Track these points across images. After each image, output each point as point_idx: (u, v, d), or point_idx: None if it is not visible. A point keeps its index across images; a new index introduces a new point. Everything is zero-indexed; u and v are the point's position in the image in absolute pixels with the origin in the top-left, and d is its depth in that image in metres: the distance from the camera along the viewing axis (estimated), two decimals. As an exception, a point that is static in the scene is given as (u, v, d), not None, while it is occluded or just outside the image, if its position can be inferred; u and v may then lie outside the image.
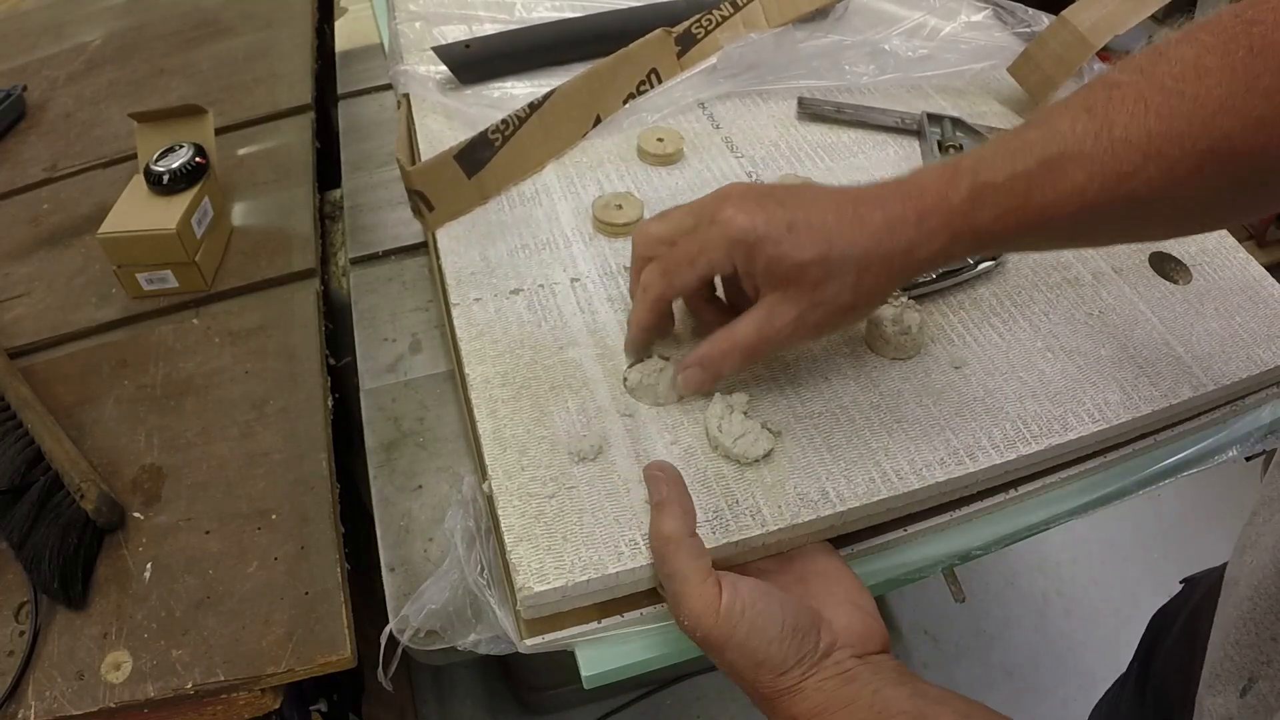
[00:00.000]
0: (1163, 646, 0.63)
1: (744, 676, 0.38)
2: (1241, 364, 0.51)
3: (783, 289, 0.42)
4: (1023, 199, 0.38)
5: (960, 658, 1.23)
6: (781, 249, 0.40)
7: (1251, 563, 0.37)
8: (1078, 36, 0.67)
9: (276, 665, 0.46)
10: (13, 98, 0.86)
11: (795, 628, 0.38)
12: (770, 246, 0.41)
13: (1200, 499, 1.39)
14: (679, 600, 0.38)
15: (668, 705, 1.17)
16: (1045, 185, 0.38)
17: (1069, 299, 0.54)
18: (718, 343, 0.44)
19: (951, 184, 0.39)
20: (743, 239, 0.41)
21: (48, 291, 0.68)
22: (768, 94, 0.72)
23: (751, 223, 0.41)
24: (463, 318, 0.53)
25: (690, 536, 0.40)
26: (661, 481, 0.42)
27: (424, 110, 0.69)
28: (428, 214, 0.60)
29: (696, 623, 0.38)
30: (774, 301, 0.42)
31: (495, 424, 0.47)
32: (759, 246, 0.41)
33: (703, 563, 0.39)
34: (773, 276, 0.41)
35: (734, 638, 0.37)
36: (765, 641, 0.37)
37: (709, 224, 0.43)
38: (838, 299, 0.41)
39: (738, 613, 0.37)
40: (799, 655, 0.38)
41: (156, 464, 0.55)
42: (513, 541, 0.42)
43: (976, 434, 0.47)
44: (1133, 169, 0.36)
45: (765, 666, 0.37)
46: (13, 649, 0.47)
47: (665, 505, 0.41)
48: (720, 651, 0.38)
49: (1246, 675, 0.34)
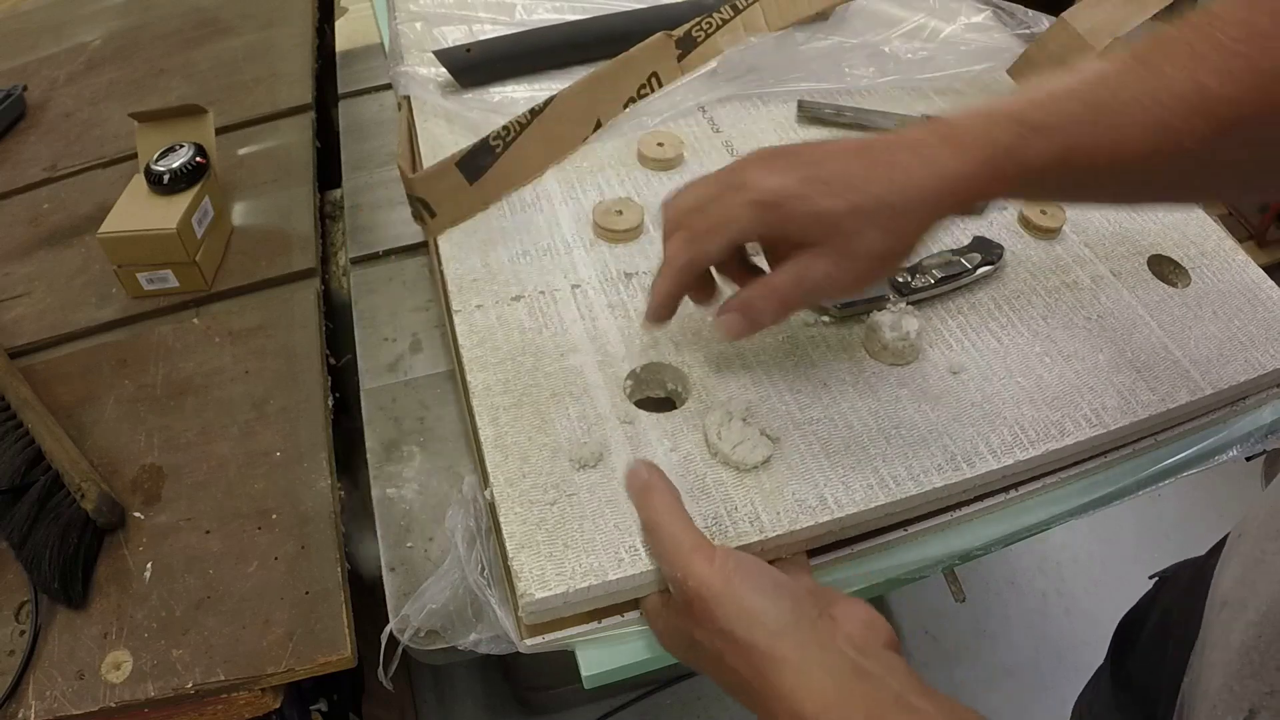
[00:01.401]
0: (1137, 645, 0.63)
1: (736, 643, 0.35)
2: (1240, 368, 0.51)
3: (818, 243, 0.40)
4: (1072, 139, 0.37)
5: (960, 658, 1.23)
6: (810, 204, 0.39)
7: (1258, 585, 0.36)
8: (1078, 39, 0.67)
9: (276, 665, 0.46)
10: (13, 98, 0.86)
11: (794, 594, 0.37)
12: (798, 204, 0.39)
13: (1200, 499, 1.39)
14: (672, 554, 0.38)
15: (668, 705, 1.17)
16: (1095, 128, 0.37)
17: (1067, 303, 0.54)
18: (756, 288, 0.42)
19: (996, 123, 0.38)
20: (769, 200, 0.40)
21: (48, 291, 0.68)
22: (768, 97, 0.72)
23: (778, 182, 0.40)
24: (464, 325, 0.53)
25: (679, 504, 0.40)
26: (642, 468, 0.43)
27: (425, 114, 0.69)
28: (429, 220, 0.60)
29: (688, 572, 0.37)
30: (810, 255, 0.40)
31: (497, 431, 0.47)
32: (787, 205, 0.40)
33: (694, 527, 0.39)
34: (805, 233, 0.40)
35: (728, 589, 0.36)
36: (761, 595, 0.36)
37: (735, 189, 0.41)
38: (874, 247, 0.39)
39: (731, 565, 0.37)
40: (796, 619, 0.36)
41: (156, 464, 0.55)
42: (514, 548, 0.42)
43: (974, 440, 0.47)
44: (1182, 123, 0.35)
45: (760, 626, 0.35)
46: (13, 649, 0.47)
47: (653, 484, 0.41)
48: (711, 611, 0.36)
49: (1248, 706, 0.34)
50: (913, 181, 0.39)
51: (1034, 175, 0.39)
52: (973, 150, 0.38)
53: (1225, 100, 0.35)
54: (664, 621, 0.41)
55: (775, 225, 0.41)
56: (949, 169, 0.38)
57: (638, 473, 0.43)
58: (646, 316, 0.47)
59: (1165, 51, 0.36)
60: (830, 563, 0.47)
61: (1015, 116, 0.38)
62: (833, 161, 0.40)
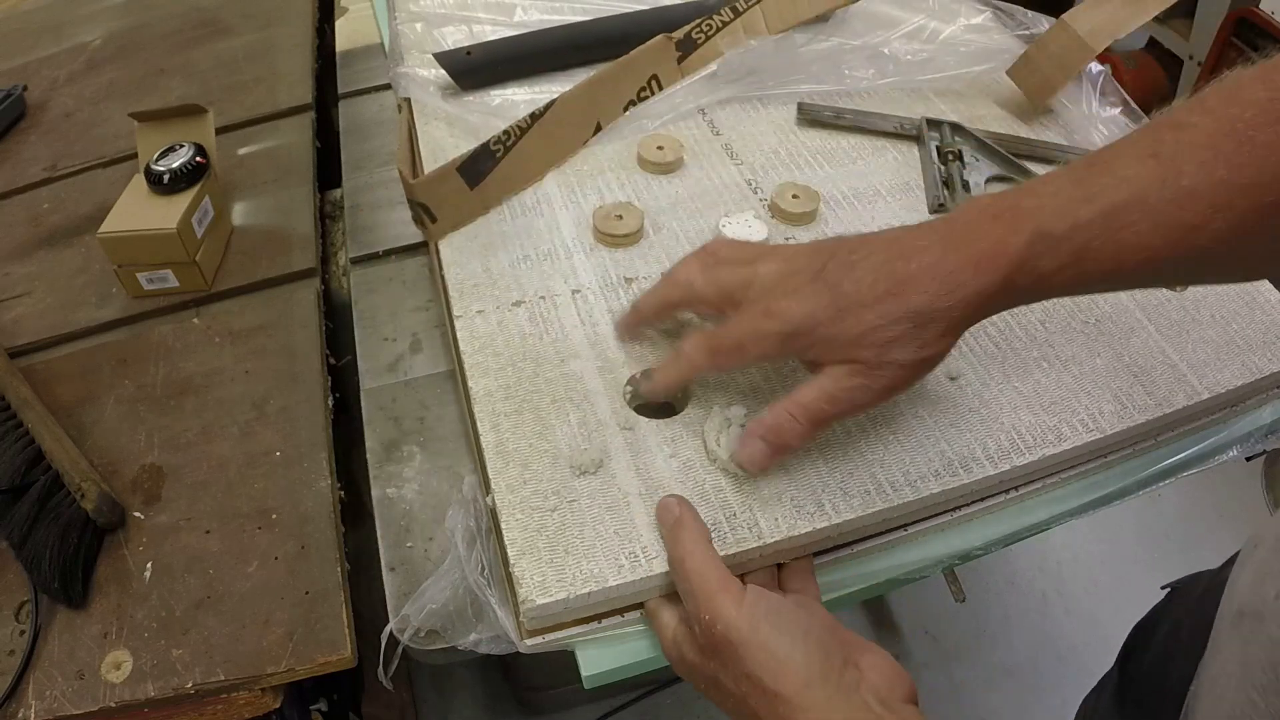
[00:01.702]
0: (1144, 655, 0.63)
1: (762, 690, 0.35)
2: (1237, 371, 0.51)
3: (845, 362, 0.40)
4: (1084, 250, 0.36)
5: (960, 658, 1.23)
6: (835, 329, 0.39)
7: None
8: (1077, 40, 0.67)
9: (276, 665, 0.46)
10: (13, 98, 0.86)
11: (821, 642, 0.36)
12: (826, 329, 0.39)
13: (1200, 499, 1.39)
14: (699, 594, 0.38)
15: (668, 705, 1.17)
16: (1107, 237, 0.36)
17: (1066, 307, 0.54)
18: (784, 409, 0.41)
19: (1011, 228, 0.37)
20: (797, 330, 0.40)
21: (48, 291, 0.68)
22: (768, 99, 0.72)
23: (806, 310, 0.40)
24: (465, 330, 0.53)
25: (708, 542, 0.40)
26: (674, 503, 0.42)
27: (425, 117, 0.69)
28: (430, 225, 0.60)
29: (716, 615, 0.36)
30: (840, 370, 0.40)
31: (498, 437, 0.47)
32: (815, 332, 0.40)
33: (722, 566, 0.39)
34: (833, 353, 0.40)
35: (756, 636, 0.36)
36: (789, 642, 0.36)
37: (762, 314, 0.41)
38: (901, 358, 0.39)
39: (761, 610, 0.36)
40: (824, 670, 0.35)
41: (156, 463, 0.55)
42: (515, 554, 0.43)
43: (971, 445, 0.47)
44: (1200, 221, 0.34)
45: (788, 675, 0.35)
46: (13, 648, 0.47)
47: (684, 520, 0.41)
48: (739, 656, 0.36)
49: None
50: (933, 299, 0.38)
51: (1052, 287, 0.38)
52: (987, 267, 0.38)
53: (1243, 190, 0.34)
54: (683, 656, 0.40)
55: (802, 350, 0.41)
56: (965, 288, 0.38)
57: (669, 507, 0.42)
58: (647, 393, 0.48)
59: (1183, 145, 0.35)
60: (830, 563, 0.47)
61: (1030, 224, 0.37)
62: (856, 280, 0.39)
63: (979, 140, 0.66)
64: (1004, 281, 0.38)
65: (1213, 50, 1.53)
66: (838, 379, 0.40)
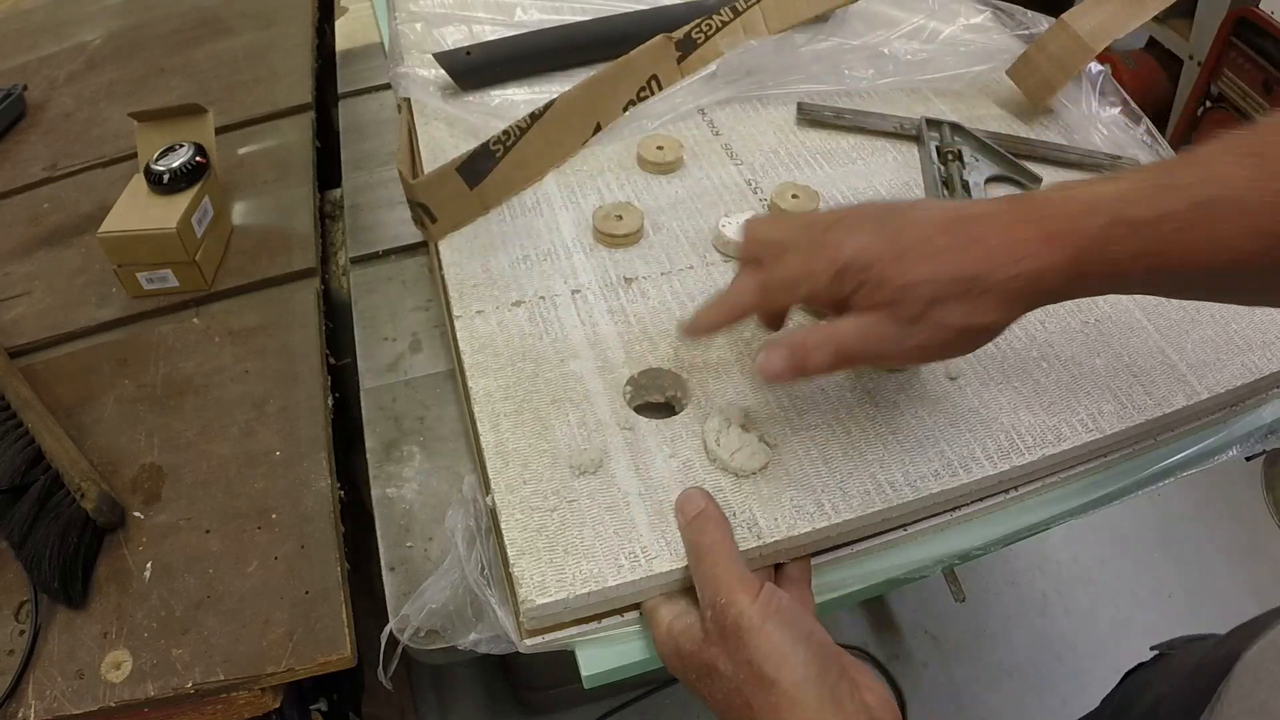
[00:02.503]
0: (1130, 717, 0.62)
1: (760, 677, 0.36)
2: (1236, 371, 0.51)
3: (888, 306, 0.38)
4: (1167, 241, 0.35)
5: (960, 657, 1.23)
6: (890, 270, 0.38)
7: None
8: (1077, 40, 0.67)
9: (276, 665, 0.46)
10: (13, 97, 0.86)
11: (822, 648, 0.37)
12: (879, 269, 0.38)
13: (1200, 499, 1.39)
14: (719, 581, 0.38)
15: (668, 705, 1.17)
16: (1194, 230, 0.34)
17: (1066, 306, 0.54)
18: (815, 332, 0.40)
19: (1088, 210, 0.36)
20: (852, 263, 0.38)
21: (48, 291, 0.68)
22: (767, 99, 0.72)
23: (862, 243, 0.39)
24: (465, 330, 0.53)
25: (731, 536, 0.41)
26: (699, 494, 0.43)
27: (425, 117, 0.69)
28: (430, 225, 0.60)
29: (731, 600, 0.37)
30: (880, 314, 0.39)
31: (498, 438, 0.47)
32: (870, 270, 0.38)
33: (743, 561, 0.40)
34: (880, 296, 0.38)
35: (765, 626, 0.36)
36: (794, 640, 0.36)
37: (817, 248, 0.40)
38: (946, 319, 0.37)
39: (774, 605, 0.37)
40: (822, 674, 0.36)
41: (156, 463, 0.55)
42: (515, 555, 0.43)
43: (970, 445, 0.47)
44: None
45: (787, 668, 0.35)
46: (13, 648, 0.47)
47: (709, 511, 0.42)
48: (745, 642, 0.36)
49: None
50: (993, 265, 0.37)
51: (1125, 277, 0.37)
52: (1059, 245, 0.36)
53: None
54: (679, 647, 0.40)
55: (853, 288, 0.39)
56: (1031, 260, 0.36)
57: (693, 498, 0.43)
58: (686, 330, 0.46)
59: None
60: (830, 563, 0.47)
61: (1109, 209, 0.36)
62: (918, 229, 0.38)
63: (979, 140, 0.66)
64: (1072, 262, 0.36)
65: (1213, 50, 1.53)
66: (876, 321, 0.39)
